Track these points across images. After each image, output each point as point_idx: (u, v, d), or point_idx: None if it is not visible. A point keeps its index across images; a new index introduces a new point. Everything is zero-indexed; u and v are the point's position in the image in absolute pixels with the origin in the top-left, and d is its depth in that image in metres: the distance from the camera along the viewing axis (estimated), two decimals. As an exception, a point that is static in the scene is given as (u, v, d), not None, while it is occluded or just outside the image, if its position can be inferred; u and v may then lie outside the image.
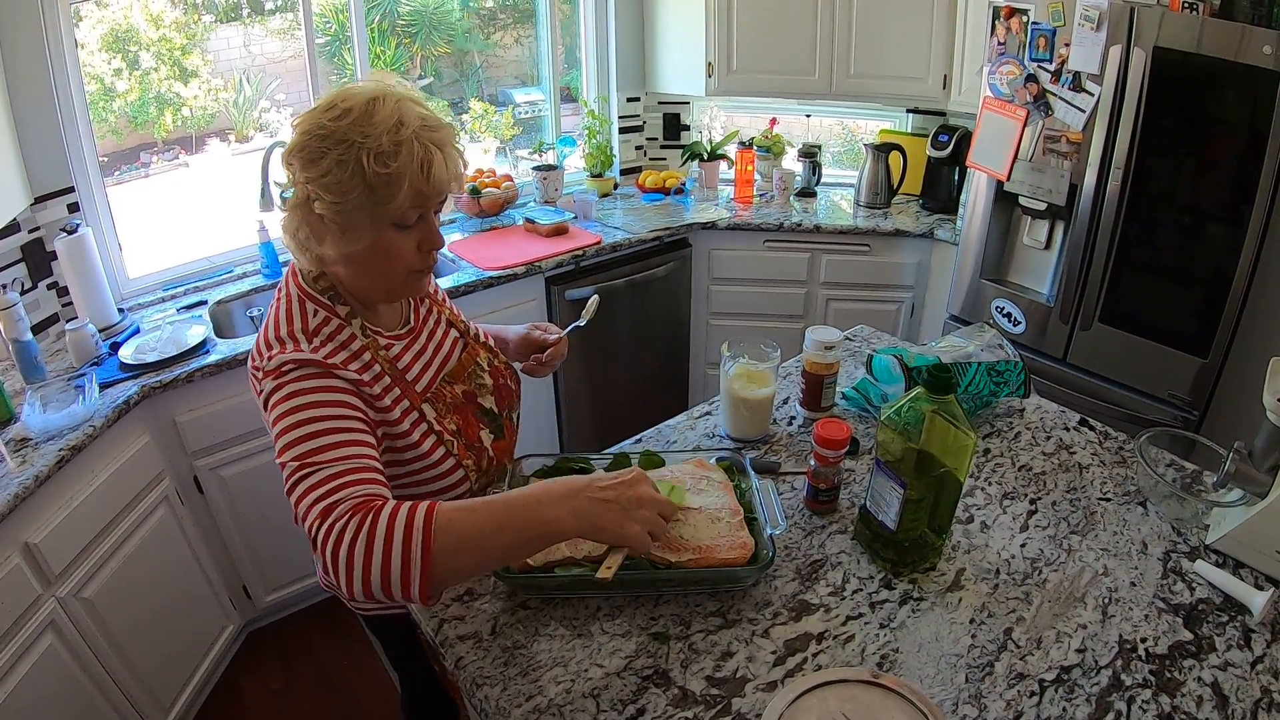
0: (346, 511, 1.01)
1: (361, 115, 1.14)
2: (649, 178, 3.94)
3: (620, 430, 1.88)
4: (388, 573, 0.97)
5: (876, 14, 3.38)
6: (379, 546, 0.97)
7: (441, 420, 1.36)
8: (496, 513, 1.04)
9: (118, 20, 3.07)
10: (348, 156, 1.13)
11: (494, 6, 3.94)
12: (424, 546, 0.97)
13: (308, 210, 1.18)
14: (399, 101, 1.17)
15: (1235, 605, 1.21)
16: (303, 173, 1.16)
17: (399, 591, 0.98)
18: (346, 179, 1.13)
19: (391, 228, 1.21)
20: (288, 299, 1.28)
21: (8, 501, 1.77)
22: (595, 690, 1.09)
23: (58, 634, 1.95)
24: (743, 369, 1.63)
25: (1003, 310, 3.02)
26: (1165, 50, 2.32)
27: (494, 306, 3.00)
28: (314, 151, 1.14)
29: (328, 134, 1.14)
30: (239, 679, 2.69)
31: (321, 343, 1.23)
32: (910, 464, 1.18)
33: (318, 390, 1.16)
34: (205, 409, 2.40)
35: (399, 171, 1.14)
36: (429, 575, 0.97)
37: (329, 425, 1.12)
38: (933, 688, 1.08)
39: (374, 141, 1.12)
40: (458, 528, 1.00)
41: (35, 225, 2.55)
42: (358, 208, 1.16)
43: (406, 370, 1.35)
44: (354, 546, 0.98)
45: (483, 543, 1.02)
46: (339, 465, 1.07)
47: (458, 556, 1.00)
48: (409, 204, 1.18)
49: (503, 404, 1.53)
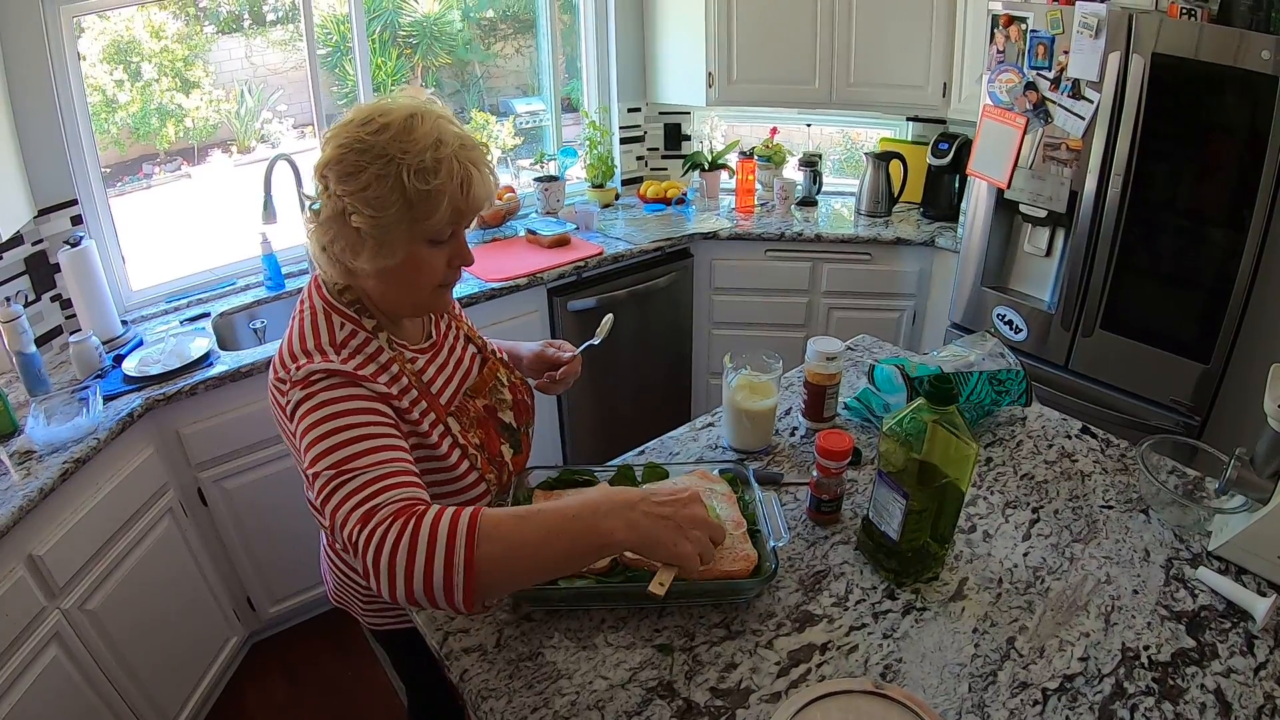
0: (388, 516, 1.00)
1: (401, 131, 1.14)
2: (650, 188, 3.94)
3: (623, 441, 1.88)
4: (431, 579, 0.96)
5: (876, 23, 3.39)
6: (421, 552, 0.96)
7: (465, 434, 1.37)
8: (549, 521, 1.02)
9: (119, 32, 3.09)
10: (388, 171, 1.13)
11: (494, 17, 3.95)
12: (467, 552, 0.96)
13: (343, 224, 1.18)
14: (437, 119, 1.18)
15: (1238, 612, 1.22)
16: (339, 185, 1.16)
17: (443, 598, 0.97)
18: (386, 193, 1.14)
19: (426, 243, 1.21)
20: (312, 312, 1.28)
21: (12, 514, 1.77)
22: (600, 702, 1.09)
23: (62, 646, 1.95)
24: (745, 380, 1.63)
25: (1004, 318, 3.02)
26: (1164, 56, 2.33)
27: (496, 318, 3.01)
28: (352, 165, 1.14)
29: (366, 148, 1.14)
30: (243, 691, 2.69)
31: (349, 355, 1.23)
32: (913, 475, 1.18)
33: (348, 399, 1.15)
34: (209, 421, 2.41)
35: (439, 188, 1.15)
36: (473, 582, 0.96)
37: (363, 432, 1.11)
38: (936, 698, 1.08)
39: (414, 158, 1.13)
40: (507, 535, 0.99)
41: (39, 238, 2.57)
42: (396, 223, 1.16)
43: (431, 383, 1.36)
44: (396, 552, 0.97)
45: (534, 551, 1.00)
46: (376, 470, 1.07)
47: (506, 564, 0.99)
48: (447, 220, 1.19)
49: (521, 419, 1.54)
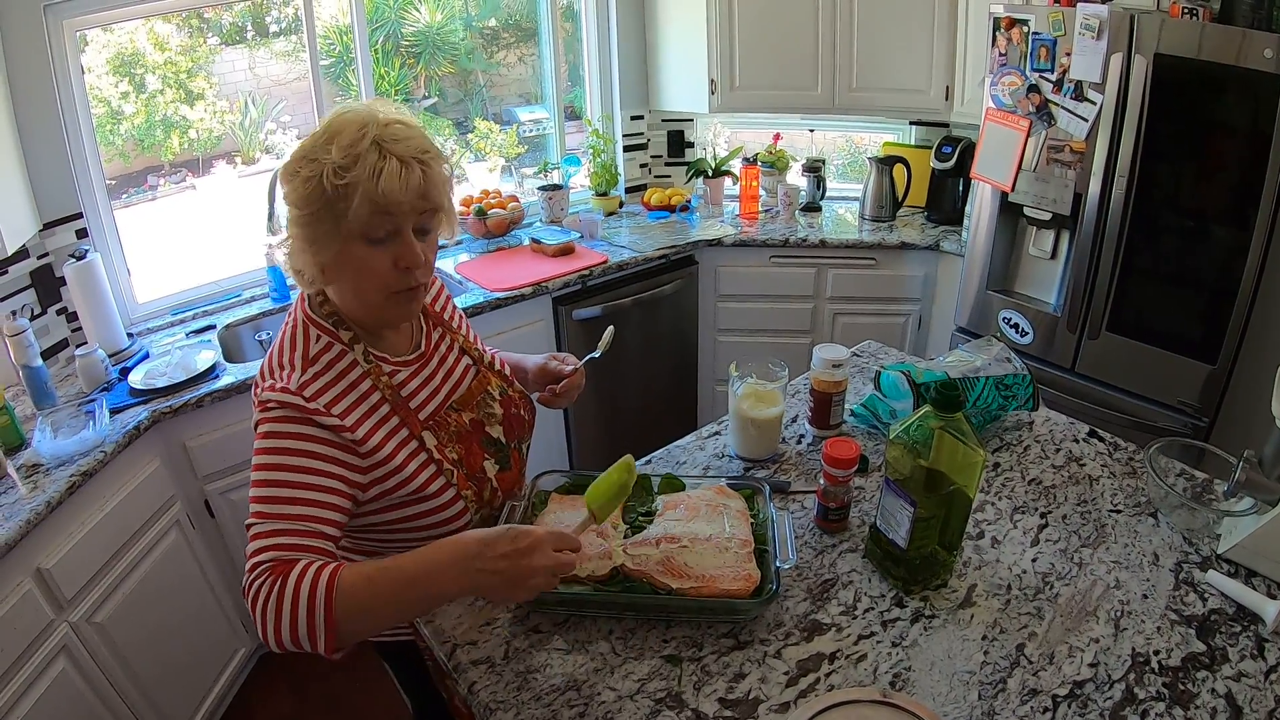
0: (265, 572, 1.08)
1: (335, 134, 1.18)
2: (654, 195, 3.95)
3: (629, 448, 1.86)
4: (296, 631, 1.05)
5: (877, 28, 3.39)
6: (287, 607, 1.05)
7: (442, 449, 1.35)
8: (393, 584, 1.10)
9: (123, 44, 3.10)
10: (314, 172, 1.17)
11: (497, 26, 3.96)
12: (326, 609, 1.04)
13: (290, 227, 1.23)
14: (375, 120, 1.20)
15: (1248, 615, 1.21)
16: (283, 189, 1.22)
17: (308, 646, 1.06)
18: (312, 191, 1.17)
19: (361, 241, 1.21)
20: (293, 325, 1.31)
21: (20, 527, 1.78)
22: (609, 713, 1.08)
23: (70, 659, 1.95)
24: (751, 388, 1.63)
25: (1010, 321, 3.02)
26: (1166, 57, 2.33)
27: (501, 327, 3.01)
28: (290, 172, 1.20)
29: (304, 154, 1.19)
30: (250, 703, 2.69)
31: (317, 373, 1.26)
32: (920, 482, 1.18)
33: (291, 437, 1.21)
34: (216, 433, 2.41)
35: (353, 181, 1.16)
36: (333, 634, 1.05)
37: (291, 478, 1.18)
38: (945, 706, 1.07)
39: (335, 155, 1.16)
40: (357, 597, 1.07)
41: (44, 251, 2.57)
42: (321, 219, 1.19)
43: (411, 397, 1.35)
44: (267, 605, 1.05)
45: (380, 610, 1.10)
46: (284, 524, 1.15)
47: (358, 620, 1.07)
48: (366, 213, 1.17)
49: (511, 434, 1.51)
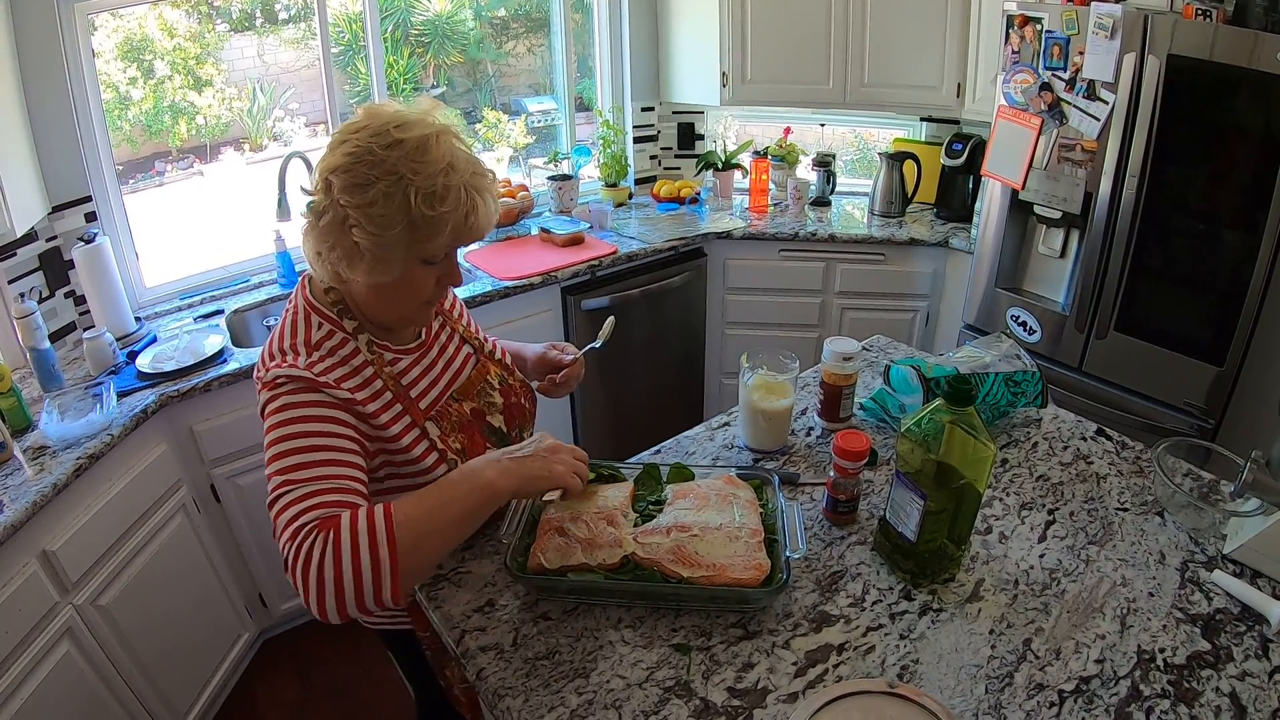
0: (313, 529, 1.02)
1: (415, 150, 1.14)
2: (664, 187, 3.95)
3: (636, 440, 1.88)
4: (360, 580, 0.99)
5: (890, 23, 3.38)
6: (347, 556, 0.99)
7: (445, 438, 1.35)
8: (438, 491, 1.11)
9: (132, 29, 3.10)
10: (395, 190, 1.13)
11: (507, 16, 3.95)
12: (390, 544, 1.00)
13: (343, 234, 1.17)
14: (453, 143, 1.18)
15: (1253, 615, 1.21)
16: (344, 195, 1.15)
17: (371, 595, 1.00)
18: (392, 212, 1.14)
19: (420, 263, 1.22)
20: (295, 311, 1.30)
21: (26, 509, 1.79)
22: (617, 701, 1.09)
23: (74, 641, 1.96)
24: (761, 380, 1.63)
25: (1018, 319, 3.01)
26: (1179, 58, 2.32)
27: (510, 317, 3.01)
28: (361, 177, 1.13)
29: (377, 161, 1.13)
30: (254, 688, 2.70)
31: (321, 357, 1.24)
32: (930, 475, 1.18)
33: (307, 405, 1.17)
34: (222, 418, 2.42)
35: (444, 215, 1.15)
36: (398, 574, 1.01)
37: (314, 442, 1.14)
38: (952, 699, 1.07)
39: (425, 181, 1.13)
40: (413, 517, 1.05)
41: (53, 234, 2.58)
42: (396, 242, 1.16)
43: (412, 386, 1.35)
44: (324, 561, 0.99)
45: (437, 521, 1.08)
46: (316, 484, 1.09)
47: (419, 550, 1.04)
48: (446, 245, 1.20)
49: (512, 423, 1.51)
